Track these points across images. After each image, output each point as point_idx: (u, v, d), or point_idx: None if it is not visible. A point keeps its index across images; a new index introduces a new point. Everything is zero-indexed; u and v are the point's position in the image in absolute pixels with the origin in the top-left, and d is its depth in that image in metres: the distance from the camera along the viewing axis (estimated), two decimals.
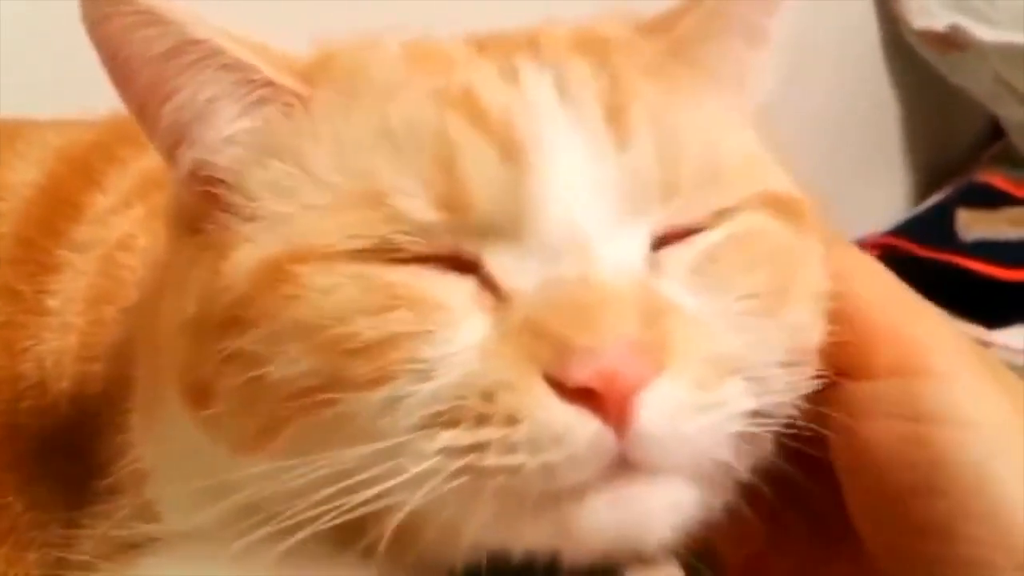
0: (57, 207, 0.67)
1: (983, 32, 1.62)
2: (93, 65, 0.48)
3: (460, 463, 0.41)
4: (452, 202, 0.43)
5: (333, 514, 0.42)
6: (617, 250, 0.43)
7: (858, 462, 0.45)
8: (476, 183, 0.43)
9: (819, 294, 0.47)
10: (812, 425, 0.45)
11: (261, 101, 0.47)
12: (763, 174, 0.49)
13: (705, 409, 0.42)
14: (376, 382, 0.42)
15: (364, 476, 0.41)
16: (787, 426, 0.45)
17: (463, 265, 0.44)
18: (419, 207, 0.43)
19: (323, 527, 0.42)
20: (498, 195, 0.43)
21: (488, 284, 0.43)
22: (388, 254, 0.43)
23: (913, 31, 1.68)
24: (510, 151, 0.43)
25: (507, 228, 0.43)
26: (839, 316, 0.47)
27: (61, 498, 0.61)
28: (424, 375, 0.42)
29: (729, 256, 0.45)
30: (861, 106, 1.70)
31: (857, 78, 1.70)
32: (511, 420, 0.40)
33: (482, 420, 0.41)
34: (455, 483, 0.41)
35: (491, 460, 0.40)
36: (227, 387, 0.45)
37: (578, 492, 0.41)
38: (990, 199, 1.56)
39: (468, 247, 0.44)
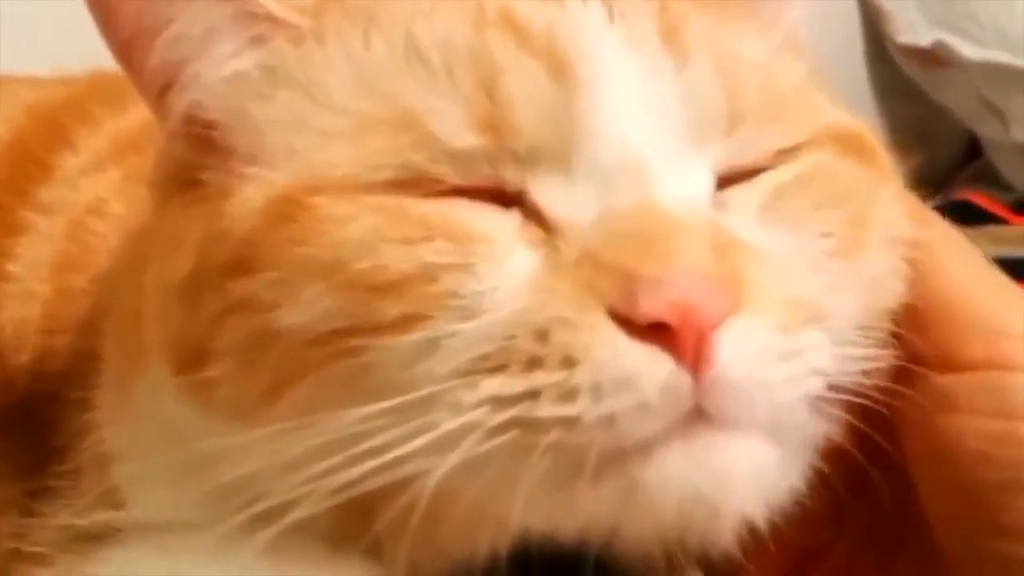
0: (23, 166, 0.63)
1: (967, 50, 1.61)
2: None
3: (506, 415, 0.35)
4: (494, 125, 0.39)
5: (344, 485, 0.37)
6: (680, 179, 0.39)
7: (937, 455, 0.42)
8: (522, 104, 0.39)
9: (897, 239, 0.43)
10: (882, 410, 0.41)
11: (261, 38, 0.43)
12: (823, 110, 0.45)
13: (786, 357, 0.37)
14: (410, 322, 0.37)
15: (385, 437, 0.36)
16: (855, 407, 0.41)
17: (505, 198, 0.39)
18: (456, 130, 0.39)
19: (328, 504, 0.37)
20: (546, 117, 0.39)
21: (534, 216, 0.39)
22: (419, 187, 0.39)
23: (897, 47, 1.67)
24: (559, 69, 0.39)
25: (555, 154, 0.39)
26: (922, 297, 0.43)
27: (13, 482, 0.56)
28: (466, 312, 0.37)
29: (798, 196, 0.42)
30: None
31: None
32: (569, 362, 0.36)
33: (534, 363, 0.36)
34: (499, 440, 0.35)
35: (544, 410, 0.35)
36: (228, 343, 0.40)
37: (646, 448, 0.36)
38: (970, 217, 1.54)
39: (511, 177, 0.39)
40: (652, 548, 0.41)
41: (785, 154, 0.43)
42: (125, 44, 0.43)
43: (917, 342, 0.42)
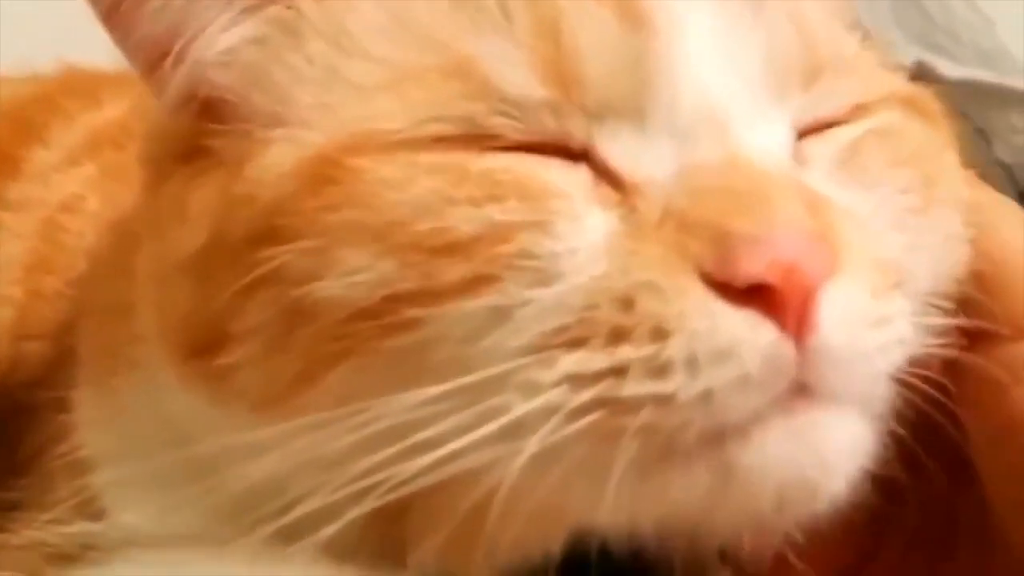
0: None
1: (947, 68, 1.61)
2: None
3: (588, 395, 0.31)
4: (561, 76, 0.35)
5: (396, 484, 0.32)
6: (762, 133, 0.36)
7: (1007, 433, 0.38)
8: (590, 53, 0.35)
9: (961, 201, 0.40)
10: (939, 391, 0.38)
11: (261, 3, 0.39)
12: (887, 74, 0.43)
13: (880, 323, 0.34)
14: (477, 284, 0.33)
15: (446, 425, 0.32)
16: (915, 385, 0.37)
17: (571, 154, 0.35)
18: (517, 79, 0.35)
19: (371, 507, 0.33)
20: (618, 67, 0.35)
21: (605, 174, 0.35)
22: (475, 142, 0.35)
23: None
24: (630, 15, 0.36)
25: (627, 106, 0.35)
26: (990, 262, 0.40)
27: None
28: (541, 276, 0.33)
29: (873, 151, 0.39)
30: None
31: None
32: (659, 333, 0.32)
33: (619, 335, 0.32)
34: (582, 423, 0.31)
35: (632, 388, 0.31)
36: (252, 322, 0.35)
37: (744, 427, 0.32)
38: None
39: (577, 131, 0.35)
40: (705, 542, 0.37)
41: (860, 109, 0.40)
42: (111, 9, 0.39)
43: (988, 309, 0.39)
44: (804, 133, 0.38)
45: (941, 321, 0.38)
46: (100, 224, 0.55)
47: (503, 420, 0.32)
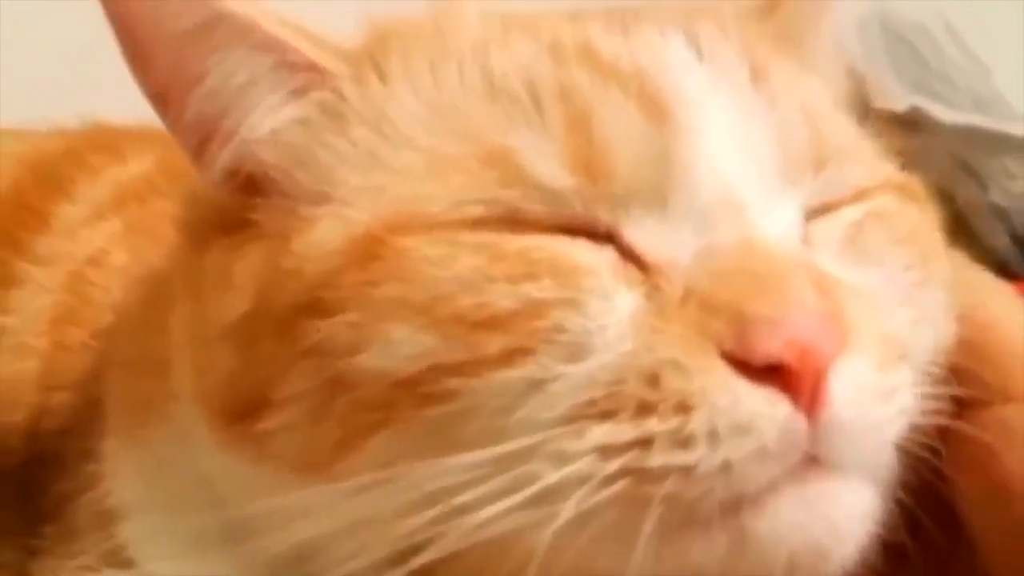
0: (19, 216, 0.61)
1: (942, 113, 1.63)
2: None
3: (617, 464, 0.33)
4: (590, 167, 0.37)
5: (432, 547, 0.34)
6: (775, 218, 0.38)
7: (1000, 493, 0.40)
8: (618, 146, 0.38)
9: (949, 278, 0.43)
10: (931, 455, 0.40)
11: (305, 86, 0.41)
12: (882, 161, 0.46)
13: (886, 396, 0.36)
14: (513, 356, 0.35)
15: (481, 491, 0.34)
16: (911, 451, 0.39)
17: (597, 236, 0.38)
18: (550, 168, 0.37)
19: (405, 571, 0.34)
20: (644, 159, 0.38)
21: (629, 256, 0.37)
22: (510, 224, 0.37)
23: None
24: (655, 111, 0.38)
25: (650, 194, 0.38)
26: (978, 330, 0.42)
27: (10, 543, 0.53)
28: (574, 351, 0.35)
29: (875, 231, 0.41)
30: None
31: None
32: (683, 407, 0.34)
33: (645, 409, 0.34)
34: (609, 491, 0.33)
35: (658, 459, 0.33)
36: (295, 390, 0.37)
37: (760, 497, 0.34)
38: None
39: (603, 215, 0.38)
40: None
41: (861, 193, 0.42)
42: (160, 94, 0.42)
43: (978, 377, 0.41)
44: (812, 215, 0.41)
45: (937, 390, 0.40)
46: (125, 278, 0.56)
47: (535, 488, 0.33)
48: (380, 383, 0.35)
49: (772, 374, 0.34)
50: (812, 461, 0.34)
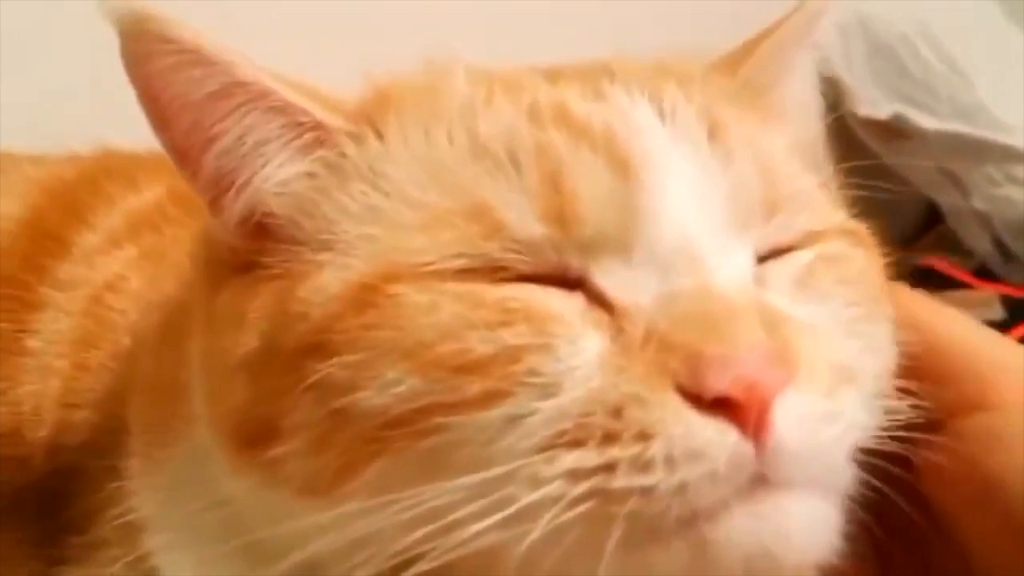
0: (41, 242, 0.64)
1: (925, 121, 1.67)
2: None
3: (585, 487, 0.38)
4: (561, 217, 0.41)
5: (422, 560, 0.38)
6: (729, 263, 0.42)
7: (986, 498, 0.44)
8: (587, 198, 0.42)
9: (892, 317, 0.47)
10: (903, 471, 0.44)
11: (312, 143, 0.45)
12: (834, 209, 0.50)
13: (831, 418, 0.40)
14: (493, 398, 0.39)
15: (466, 511, 0.38)
16: (878, 470, 0.43)
17: (568, 282, 0.42)
18: (525, 221, 0.41)
19: None
20: (610, 210, 0.42)
21: (597, 300, 0.41)
22: (492, 273, 0.41)
23: (858, 120, 1.72)
24: (620, 165, 0.42)
25: (616, 242, 0.42)
26: (931, 354, 0.47)
27: (30, 560, 0.56)
28: (546, 390, 0.39)
29: (825, 272, 0.45)
30: None
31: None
32: (643, 436, 0.38)
33: (610, 438, 0.38)
34: (579, 510, 0.38)
35: (621, 481, 0.38)
36: (301, 421, 0.41)
37: (714, 511, 0.38)
38: (934, 283, 1.58)
39: (574, 263, 0.42)
40: None
41: (812, 236, 0.46)
42: (182, 151, 0.45)
43: (939, 395, 0.45)
44: (765, 258, 0.45)
45: (895, 406, 0.44)
46: (141, 303, 0.60)
47: (513, 508, 0.38)
48: (376, 418, 0.40)
49: (722, 406, 0.38)
50: (762, 480, 0.39)
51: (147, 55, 0.43)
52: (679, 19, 1.34)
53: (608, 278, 0.42)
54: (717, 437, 0.38)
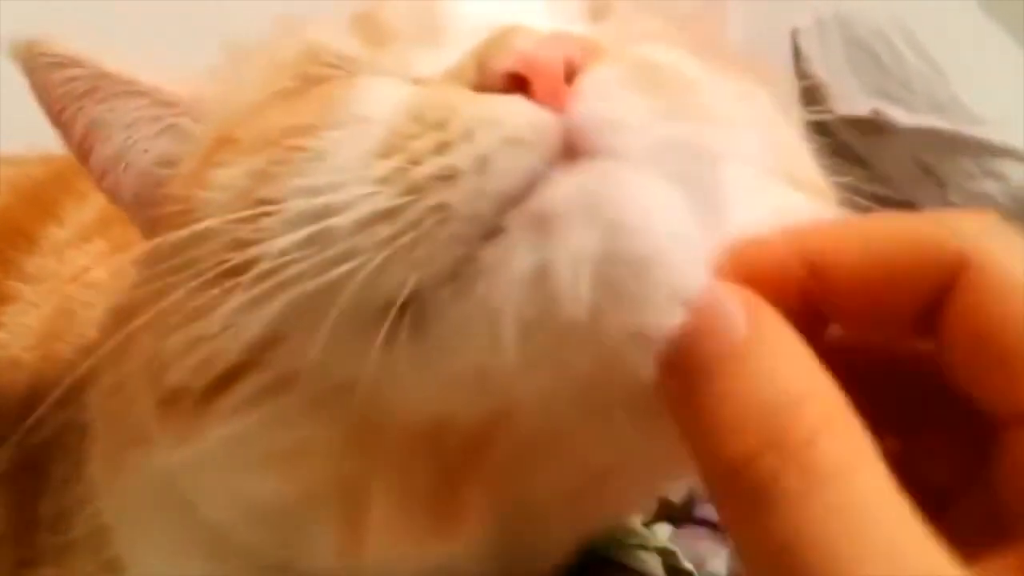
0: (10, 238, 0.64)
1: (902, 117, 1.68)
2: None
3: (394, 188, 0.35)
4: (376, 38, 0.44)
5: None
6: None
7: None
8: (392, 13, 0.45)
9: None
10: None
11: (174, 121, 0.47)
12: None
13: (669, 114, 0.35)
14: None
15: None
16: None
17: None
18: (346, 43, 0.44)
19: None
20: (415, 16, 0.44)
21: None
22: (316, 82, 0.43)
23: (836, 116, 1.73)
24: None
25: (425, 38, 0.43)
26: None
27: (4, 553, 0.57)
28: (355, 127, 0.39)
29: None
30: None
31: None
32: (440, 126, 0.35)
33: (411, 138, 0.36)
34: (400, 218, 0.35)
35: (424, 170, 0.35)
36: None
37: (532, 184, 0.34)
38: None
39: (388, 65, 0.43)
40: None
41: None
42: (82, 157, 0.48)
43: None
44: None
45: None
46: (107, 296, 0.60)
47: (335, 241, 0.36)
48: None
49: (514, 82, 0.35)
50: (580, 151, 0.34)
51: (41, 76, 0.47)
52: None
53: (419, 64, 0.42)
54: (511, 106, 0.35)
